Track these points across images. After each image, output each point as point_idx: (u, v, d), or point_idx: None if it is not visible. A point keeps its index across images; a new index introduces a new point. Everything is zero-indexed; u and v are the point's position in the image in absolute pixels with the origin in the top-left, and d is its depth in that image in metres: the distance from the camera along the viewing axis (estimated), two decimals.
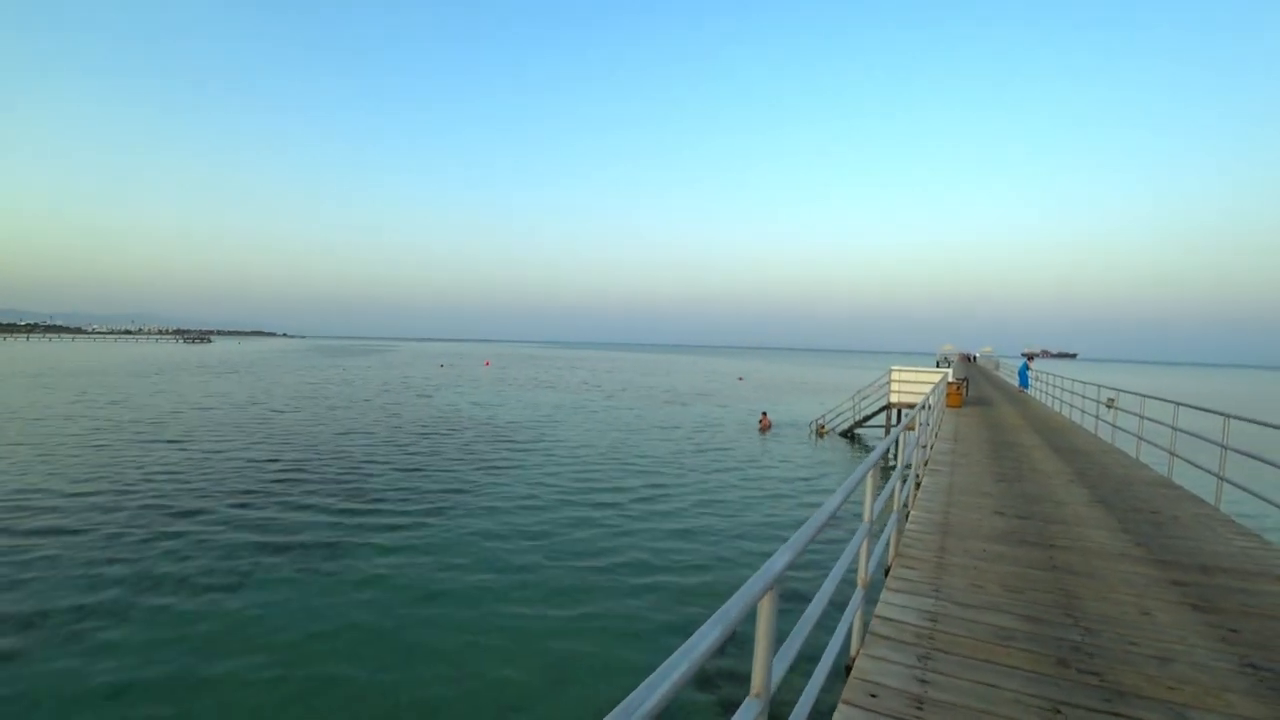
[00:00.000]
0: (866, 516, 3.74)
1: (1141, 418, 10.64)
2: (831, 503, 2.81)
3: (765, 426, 25.23)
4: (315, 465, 16.14)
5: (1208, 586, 4.81)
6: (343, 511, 12.27)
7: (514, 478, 15.22)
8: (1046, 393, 21.93)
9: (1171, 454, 9.05)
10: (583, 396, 37.40)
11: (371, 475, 15.21)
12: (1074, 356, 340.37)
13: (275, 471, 15.33)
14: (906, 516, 6.70)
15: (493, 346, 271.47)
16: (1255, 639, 3.94)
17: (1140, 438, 10.60)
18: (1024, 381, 28.31)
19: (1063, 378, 19.96)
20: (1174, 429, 9.07)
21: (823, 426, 25.27)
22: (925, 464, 9.43)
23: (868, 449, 21.42)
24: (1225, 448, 7.45)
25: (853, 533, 4.82)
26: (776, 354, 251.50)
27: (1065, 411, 18.30)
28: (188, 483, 14.07)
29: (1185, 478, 10.05)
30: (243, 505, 12.49)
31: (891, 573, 4.88)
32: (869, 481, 3.68)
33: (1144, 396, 11.01)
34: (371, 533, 11.11)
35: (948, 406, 18.77)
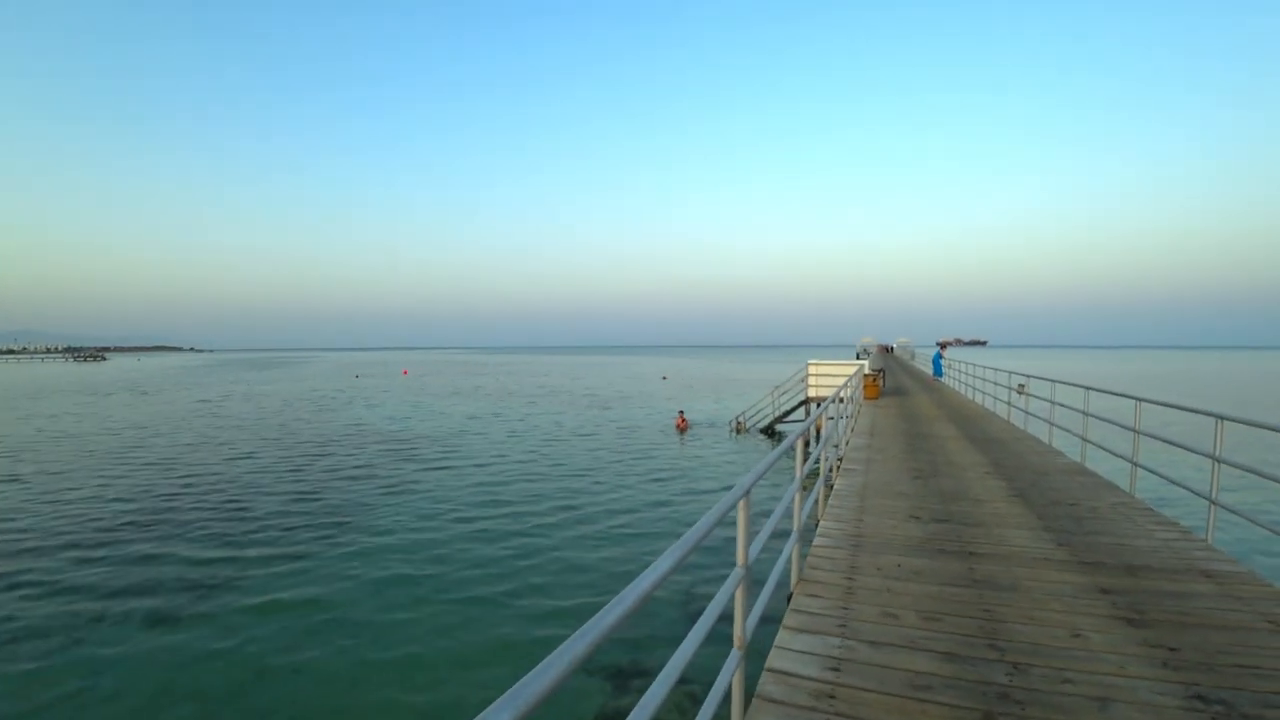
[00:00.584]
0: (741, 559, 2.78)
1: (1053, 403, 10.45)
2: (682, 544, 1.94)
3: (682, 427, 24.64)
4: (190, 496, 14.41)
5: (1137, 593, 4.30)
6: (212, 549, 10.81)
7: (413, 499, 13.94)
8: (960, 380, 22.19)
9: (1084, 440, 8.80)
10: (502, 404, 36.03)
11: (253, 505, 13.66)
12: (984, 344, 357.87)
13: (139, 507, 13.53)
14: (817, 525, 6.06)
15: (419, 354, 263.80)
16: (1196, 657, 3.41)
17: (1052, 423, 10.40)
18: (938, 370, 28.81)
19: (974, 365, 20.16)
20: (1085, 414, 8.83)
21: (741, 424, 24.95)
22: (839, 463, 8.89)
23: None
24: (1138, 432, 7.15)
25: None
26: (703, 352, 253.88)
27: (978, 399, 18.40)
28: (21, 526, 12.24)
29: (1100, 463, 9.89)
30: (94, 548, 10.85)
31: (793, 603, 4.16)
32: (741, 513, 2.74)
33: (1054, 381, 10.84)
34: (245, 570, 9.77)
35: (865, 399, 18.61)
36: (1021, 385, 13.58)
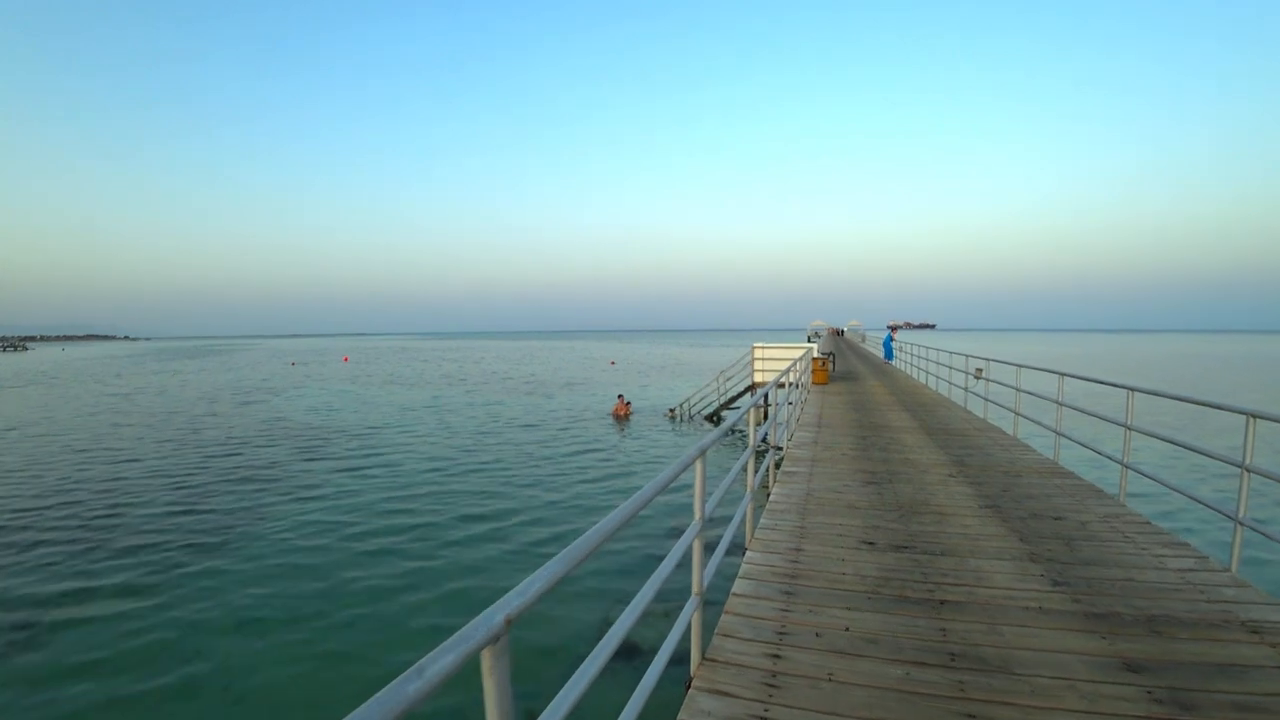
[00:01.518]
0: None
1: (1018, 390, 9.34)
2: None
3: (623, 413, 23.21)
4: (51, 513, 12.35)
5: (1173, 667, 3.04)
6: (50, 582, 8.95)
7: (311, 508, 12.12)
8: (912, 364, 21.29)
9: (1058, 434, 7.67)
10: (441, 392, 33.98)
11: (122, 521, 11.73)
12: (933, 327, 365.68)
13: None
14: (743, 553, 4.71)
15: (365, 340, 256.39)
16: None
17: (1018, 413, 9.29)
18: (889, 354, 28.01)
19: (926, 348, 19.22)
20: (1059, 404, 7.68)
21: (673, 411, 23.73)
22: (778, 465, 7.57)
23: (736, 433, 19.89)
24: (1130, 428, 5.97)
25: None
26: (655, 336, 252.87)
27: (932, 384, 17.45)
28: None
29: (1076, 462, 8.82)
30: None
31: (686, 702, 2.78)
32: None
33: (1019, 366, 9.74)
34: (83, 607, 8.00)
35: (814, 384, 17.48)
36: (979, 370, 12.54)
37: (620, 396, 24.25)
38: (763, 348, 20.06)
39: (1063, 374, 7.82)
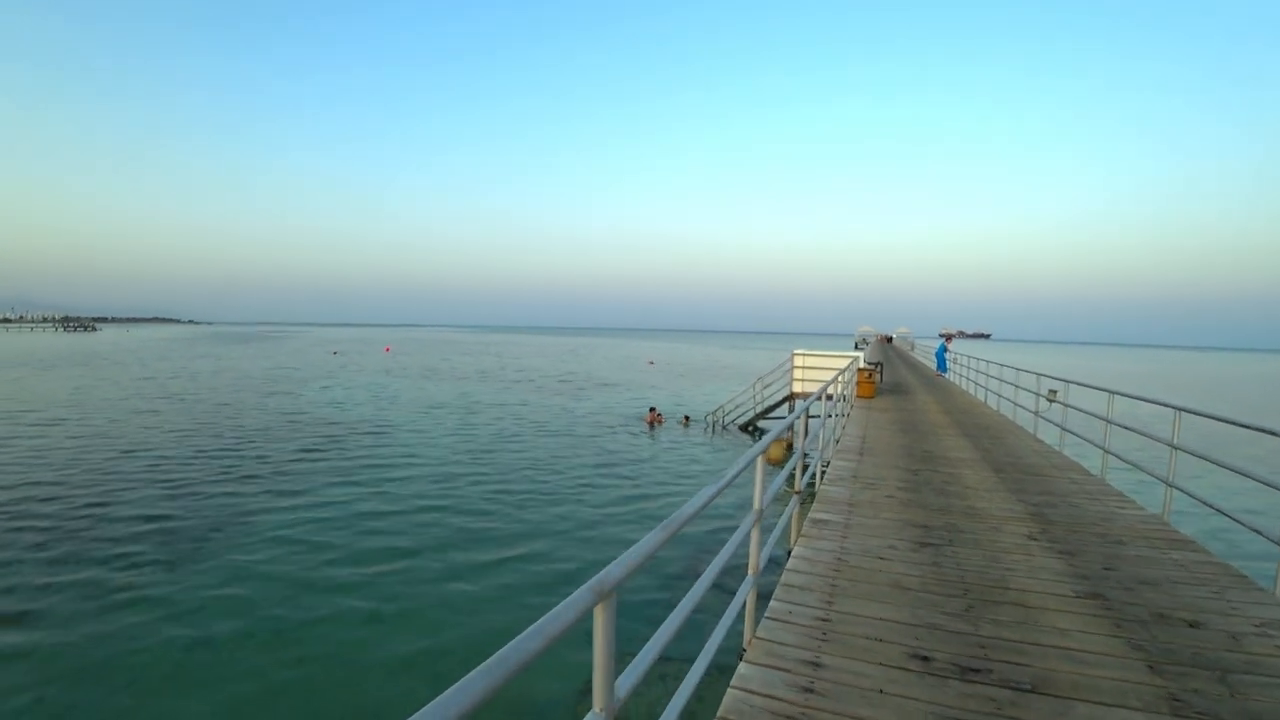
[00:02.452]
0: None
1: (1108, 422, 7.62)
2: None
3: (654, 421, 21.84)
4: (22, 508, 11.64)
5: None
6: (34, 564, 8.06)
7: (284, 520, 11.06)
8: (969, 378, 19.29)
9: (1169, 484, 5.95)
10: (470, 388, 33.00)
11: (116, 509, 11.11)
12: (988, 337, 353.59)
13: None
14: (741, 655, 3.28)
15: (414, 331, 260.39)
16: None
17: (1107, 450, 7.57)
18: (941, 365, 25.93)
19: (985, 360, 17.29)
20: (1174, 447, 5.91)
21: (687, 419, 22.49)
22: (808, 503, 6.04)
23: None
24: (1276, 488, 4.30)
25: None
26: (701, 336, 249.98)
27: (992, 402, 15.54)
28: None
29: (1190, 521, 7.09)
30: None
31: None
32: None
33: (1110, 393, 7.96)
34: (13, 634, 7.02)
35: (858, 397, 15.78)
36: (1054, 391, 10.75)
37: (652, 409, 22.75)
38: (804, 355, 18.35)
39: (1179, 409, 6.02)
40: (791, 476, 5.52)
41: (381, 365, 49.55)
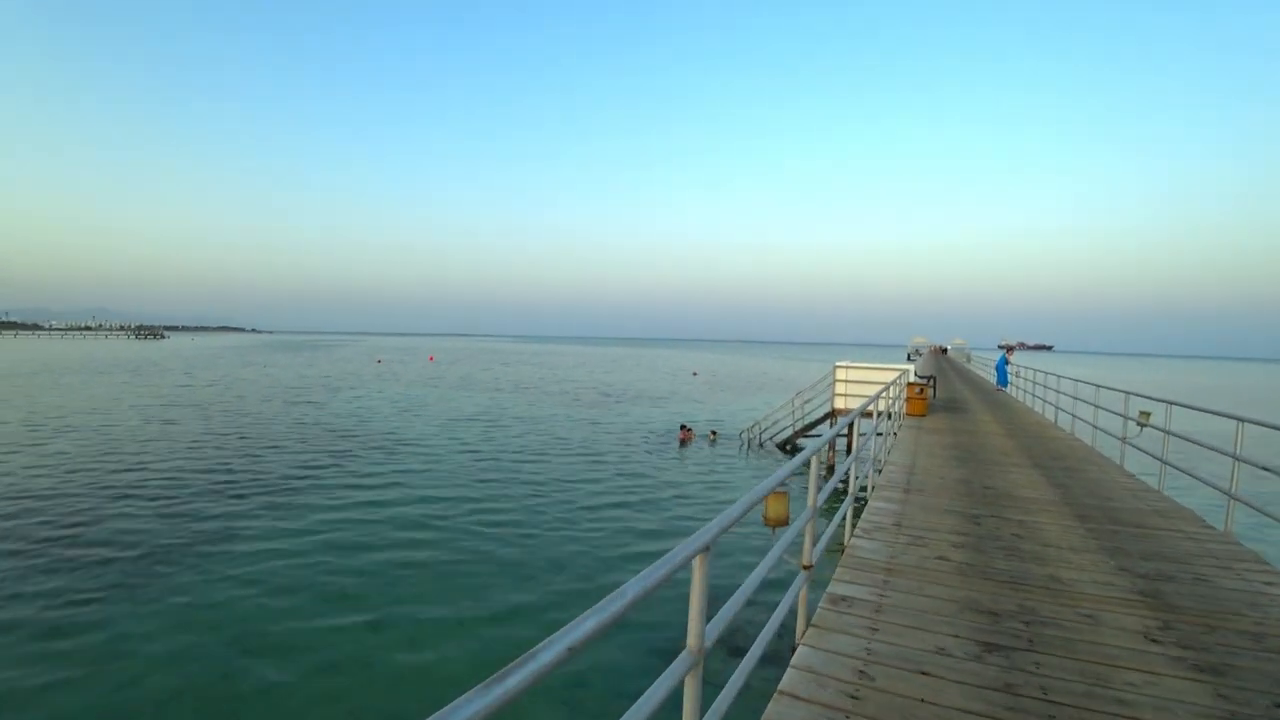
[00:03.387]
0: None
1: (1235, 459, 5.83)
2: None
3: (687, 439, 20.34)
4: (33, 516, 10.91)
5: None
6: None
7: (260, 552, 9.97)
8: (1033, 394, 17.16)
9: None
10: (503, 399, 31.87)
11: (80, 529, 10.29)
12: (1050, 349, 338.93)
13: None
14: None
15: (470, 341, 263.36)
16: None
17: (1233, 496, 5.78)
18: (1002, 379, 23.67)
19: (1053, 375, 15.29)
20: None
21: (714, 434, 21.04)
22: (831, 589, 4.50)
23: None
24: None
25: None
26: (758, 347, 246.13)
27: (1065, 423, 13.55)
28: None
29: None
30: None
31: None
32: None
33: (1238, 420, 6.15)
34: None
35: (907, 415, 14.01)
36: (1146, 414, 8.87)
37: (684, 426, 21.11)
38: (846, 368, 16.53)
39: None
40: (802, 542, 3.99)
41: (421, 375, 49.16)
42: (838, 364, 16.78)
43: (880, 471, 8.25)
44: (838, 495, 11.61)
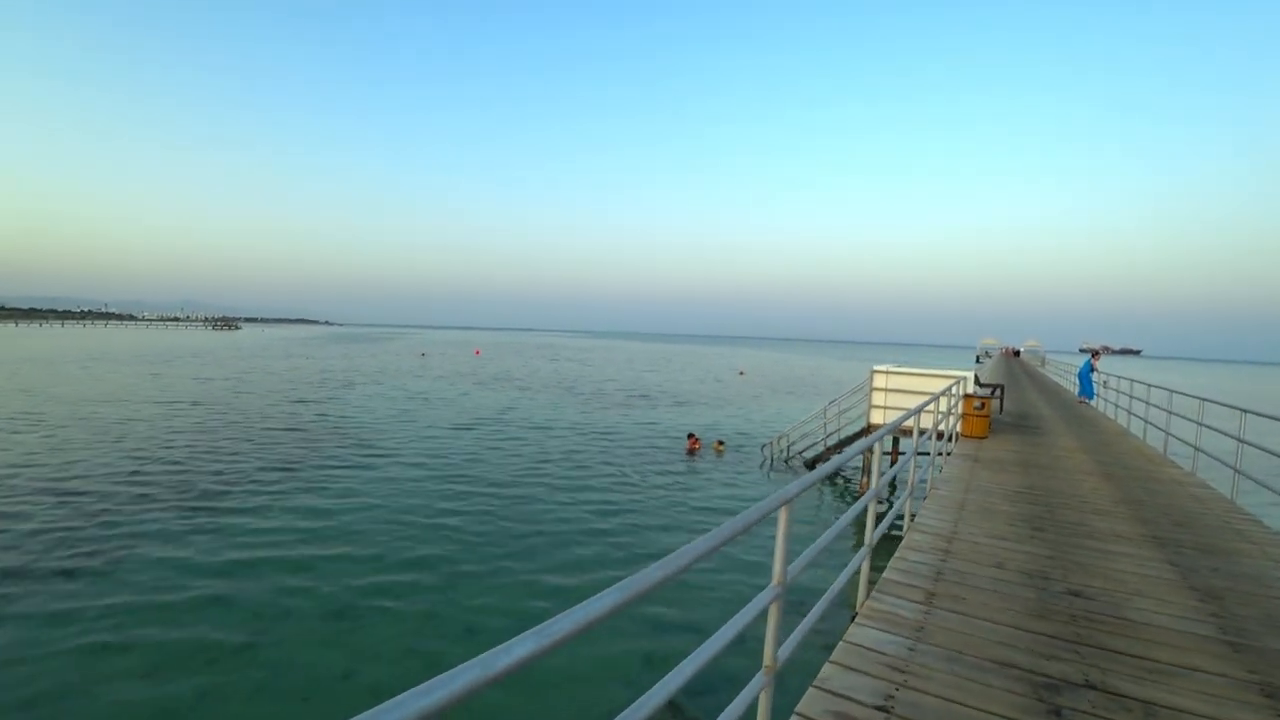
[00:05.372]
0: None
1: None
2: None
3: (694, 448, 17.69)
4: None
5: None
6: None
7: (184, 558, 8.10)
8: (1131, 410, 13.63)
9: None
10: (531, 399, 29.24)
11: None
12: (1138, 354, 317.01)
13: None
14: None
15: (528, 335, 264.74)
16: None
17: None
18: (1087, 389, 19.97)
19: (1156, 388, 11.94)
20: None
21: (720, 444, 18.14)
22: None
23: (842, 496, 13.59)
24: None
25: None
26: (820, 346, 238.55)
27: (1175, 451, 10.25)
28: None
29: None
30: None
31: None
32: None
33: None
34: None
35: (963, 436, 11.00)
36: None
37: (691, 435, 18.23)
38: (885, 373, 13.29)
39: None
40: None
41: (458, 369, 47.67)
42: (875, 369, 13.59)
43: (915, 517, 5.51)
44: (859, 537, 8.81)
